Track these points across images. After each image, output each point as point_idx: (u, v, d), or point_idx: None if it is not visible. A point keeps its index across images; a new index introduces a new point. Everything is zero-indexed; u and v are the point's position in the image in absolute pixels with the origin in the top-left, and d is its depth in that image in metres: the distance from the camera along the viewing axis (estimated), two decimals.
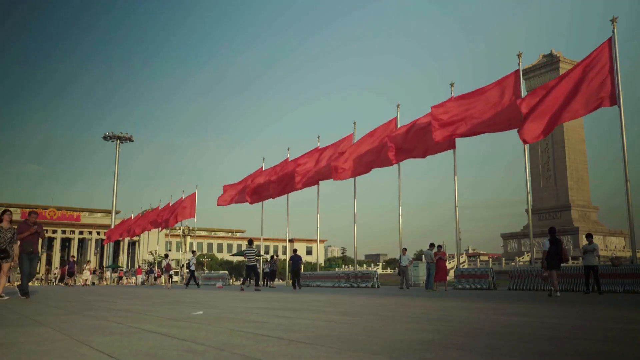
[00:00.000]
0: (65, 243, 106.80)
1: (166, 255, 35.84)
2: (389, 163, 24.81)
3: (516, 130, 20.35)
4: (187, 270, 33.39)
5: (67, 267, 40.04)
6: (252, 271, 22.41)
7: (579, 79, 18.27)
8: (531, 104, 19.13)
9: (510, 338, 4.00)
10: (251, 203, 35.02)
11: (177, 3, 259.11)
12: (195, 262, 32.38)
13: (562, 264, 15.00)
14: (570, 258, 16.30)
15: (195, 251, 34.76)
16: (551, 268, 14.52)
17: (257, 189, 34.10)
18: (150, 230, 52.37)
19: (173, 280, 60.08)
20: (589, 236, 16.78)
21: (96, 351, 3.36)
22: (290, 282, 27.31)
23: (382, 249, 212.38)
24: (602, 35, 18.76)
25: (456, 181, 23.34)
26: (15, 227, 12.51)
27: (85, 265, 46.93)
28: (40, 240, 13.07)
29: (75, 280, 47.88)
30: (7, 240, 11.90)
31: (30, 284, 12.79)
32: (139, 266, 67.96)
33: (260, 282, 22.56)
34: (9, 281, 44.47)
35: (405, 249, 24.92)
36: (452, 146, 22.40)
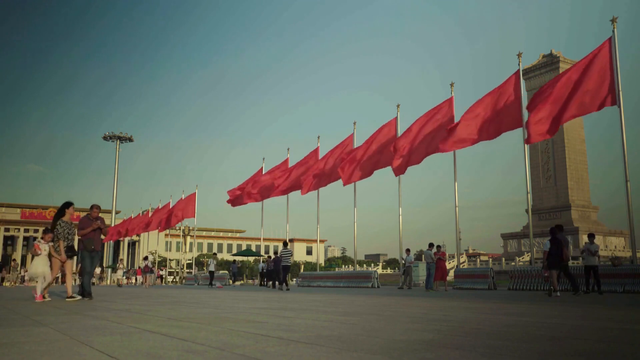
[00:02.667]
0: None
1: (146, 257, 36.97)
2: (392, 167, 24.80)
3: (516, 130, 20.36)
4: (208, 271, 35.17)
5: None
6: (285, 272, 23.41)
7: (579, 78, 18.26)
8: (534, 106, 19.16)
9: (510, 338, 4.00)
10: (256, 201, 35.16)
11: (177, 3, 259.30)
12: (215, 263, 34.09)
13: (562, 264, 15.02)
14: (570, 258, 16.28)
15: (216, 254, 36.62)
16: (551, 268, 14.56)
17: (262, 189, 34.17)
18: (150, 231, 52.36)
19: (172, 280, 60.01)
20: (591, 236, 16.78)
21: (96, 351, 3.36)
22: (271, 282, 28.66)
23: (382, 249, 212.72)
24: (602, 35, 18.79)
25: (456, 181, 23.36)
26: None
27: (118, 264, 46.85)
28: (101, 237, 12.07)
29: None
30: (71, 237, 11.01)
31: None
32: (139, 267, 67.85)
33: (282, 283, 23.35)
34: (22, 282, 44.57)
35: (408, 250, 25.03)
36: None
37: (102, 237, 11.96)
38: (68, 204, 11.21)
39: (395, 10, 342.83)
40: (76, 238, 11.27)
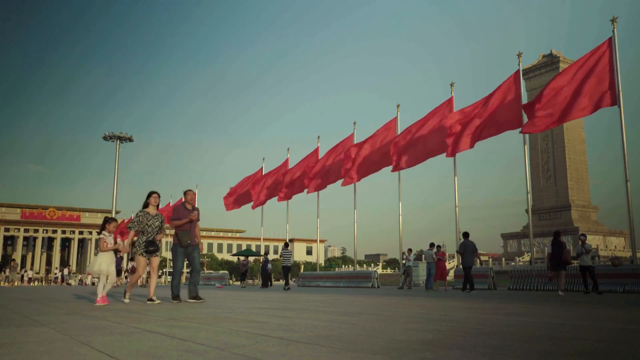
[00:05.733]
0: (66, 243, 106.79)
1: (132, 258, 37.57)
2: (393, 167, 24.80)
3: (515, 130, 20.34)
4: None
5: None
6: (285, 272, 23.74)
7: (578, 78, 18.24)
8: (532, 105, 19.18)
9: (510, 338, 4.00)
10: (254, 207, 35.17)
11: (177, 3, 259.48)
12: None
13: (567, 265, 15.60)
14: (571, 260, 16.44)
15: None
16: (553, 269, 15.30)
17: (263, 192, 34.14)
18: None
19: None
20: (582, 236, 16.92)
21: (96, 351, 3.36)
22: (261, 282, 29.54)
23: (382, 249, 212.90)
24: (602, 35, 18.76)
25: (456, 181, 23.37)
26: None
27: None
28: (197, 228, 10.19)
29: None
30: (156, 230, 9.62)
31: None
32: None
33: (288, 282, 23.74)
34: (8, 281, 44.44)
35: (410, 249, 25.05)
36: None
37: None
38: (150, 194, 9.79)
39: (395, 11, 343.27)
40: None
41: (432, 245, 22.00)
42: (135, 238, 9.68)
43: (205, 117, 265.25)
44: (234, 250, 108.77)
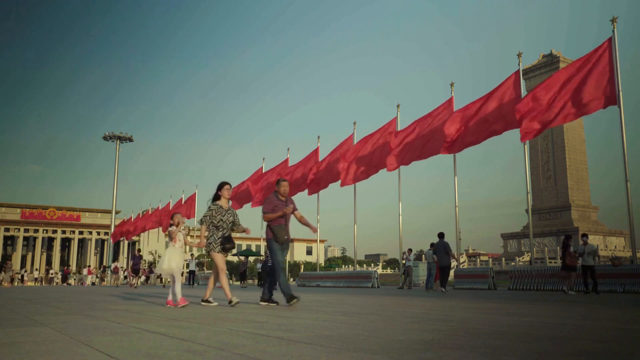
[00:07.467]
0: (66, 243, 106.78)
1: (114, 260, 38.30)
2: (390, 167, 24.78)
3: (516, 130, 20.31)
4: (187, 270, 35.90)
5: (132, 262, 32.00)
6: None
7: (578, 79, 18.23)
8: (529, 103, 19.11)
9: (510, 338, 4.00)
10: (253, 206, 35.23)
11: (178, 3, 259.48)
12: (196, 262, 35.27)
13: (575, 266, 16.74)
14: (576, 262, 16.78)
15: (193, 254, 38.49)
16: (563, 270, 16.69)
17: (262, 192, 34.13)
18: (150, 229, 52.34)
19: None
20: (584, 236, 16.98)
21: (96, 351, 3.36)
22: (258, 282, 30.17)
23: (382, 249, 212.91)
24: (602, 35, 18.78)
25: (456, 181, 23.37)
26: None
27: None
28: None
29: (148, 279, 47.39)
30: (230, 225, 8.87)
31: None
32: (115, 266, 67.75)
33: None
34: (6, 281, 44.40)
35: (410, 250, 25.06)
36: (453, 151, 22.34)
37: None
38: (222, 185, 8.91)
39: (395, 11, 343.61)
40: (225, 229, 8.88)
41: (432, 245, 21.98)
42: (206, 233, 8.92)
43: (205, 117, 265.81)
44: (234, 250, 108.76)
